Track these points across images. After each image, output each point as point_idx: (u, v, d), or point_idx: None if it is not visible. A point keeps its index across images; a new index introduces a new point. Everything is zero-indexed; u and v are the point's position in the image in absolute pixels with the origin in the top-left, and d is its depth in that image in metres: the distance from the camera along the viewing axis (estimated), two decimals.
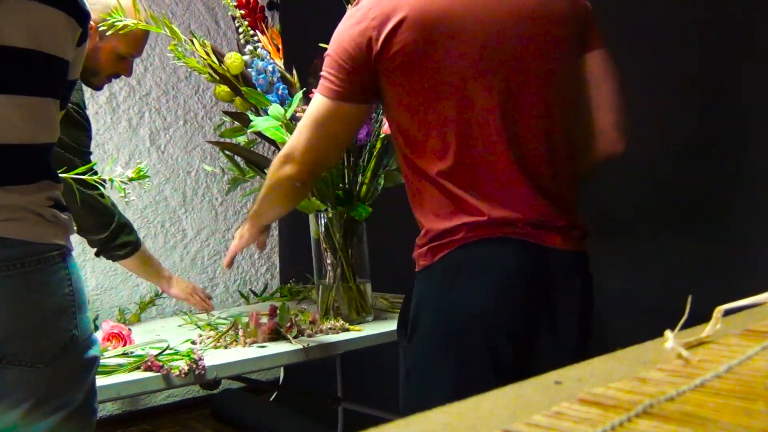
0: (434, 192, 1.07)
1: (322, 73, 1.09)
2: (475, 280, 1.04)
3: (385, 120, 1.60)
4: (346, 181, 1.64)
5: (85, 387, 0.91)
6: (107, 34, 1.46)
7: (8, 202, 0.82)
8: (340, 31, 1.07)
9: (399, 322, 1.16)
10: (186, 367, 1.23)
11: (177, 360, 1.27)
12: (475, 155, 1.04)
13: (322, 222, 1.62)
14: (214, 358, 1.34)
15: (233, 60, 1.52)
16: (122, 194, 1.59)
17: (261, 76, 1.47)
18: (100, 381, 1.18)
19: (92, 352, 0.94)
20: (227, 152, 1.73)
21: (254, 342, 1.45)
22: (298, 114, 1.48)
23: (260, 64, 1.47)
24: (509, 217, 1.04)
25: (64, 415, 0.86)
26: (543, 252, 1.05)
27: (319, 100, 1.09)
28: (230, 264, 1.45)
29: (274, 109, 1.45)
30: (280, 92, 1.47)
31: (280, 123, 1.45)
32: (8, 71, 0.83)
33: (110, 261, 1.72)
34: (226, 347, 1.42)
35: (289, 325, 1.51)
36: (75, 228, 0.95)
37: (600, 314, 1.22)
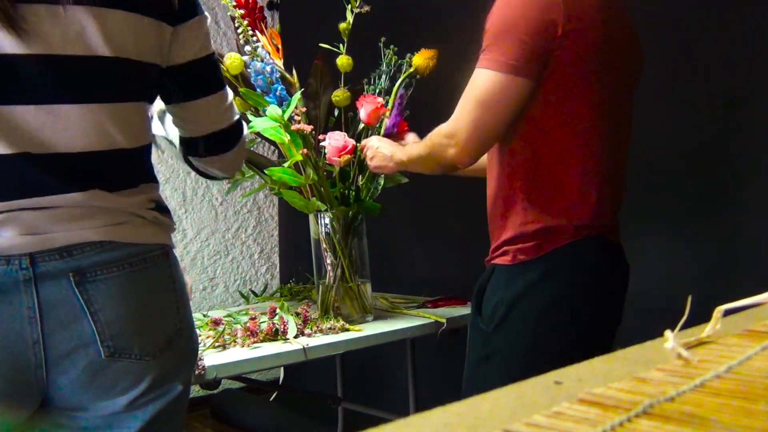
0: (547, 185, 1.14)
1: (488, 47, 1.06)
2: (582, 274, 1.14)
3: (385, 118, 1.60)
4: (358, 181, 1.64)
5: (184, 378, 0.94)
6: None
7: (113, 205, 0.87)
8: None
9: (476, 309, 1.22)
10: None
11: None
12: (588, 156, 1.13)
13: (322, 222, 1.62)
14: (214, 358, 1.34)
15: (233, 60, 1.52)
16: None
17: (259, 77, 1.47)
18: None
19: (193, 344, 0.98)
20: None
21: (254, 342, 1.45)
22: (296, 117, 1.48)
23: (258, 65, 1.47)
24: (601, 218, 1.16)
25: (163, 405, 0.90)
26: (616, 247, 1.21)
27: (491, 77, 1.06)
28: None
29: (272, 110, 1.45)
30: (278, 93, 1.46)
31: (279, 124, 1.45)
32: (98, 81, 0.86)
33: None
34: (225, 347, 1.42)
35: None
36: (173, 225, 1.00)
37: None
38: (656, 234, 1.74)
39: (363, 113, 1.57)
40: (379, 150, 1.38)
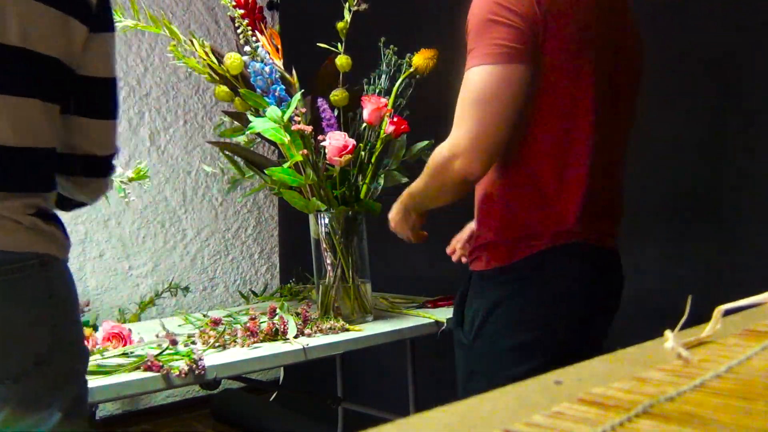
0: (527, 187, 1.06)
1: (473, 44, 0.98)
2: (561, 283, 1.05)
3: (386, 118, 1.60)
4: (358, 181, 1.64)
5: (65, 403, 0.83)
6: None
7: None
8: None
9: (457, 321, 1.15)
10: (186, 367, 1.23)
11: (177, 360, 1.27)
12: (572, 157, 1.05)
13: (322, 222, 1.62)
14: (214, 358, 1.34)
15: (233, 60, 1.52)
16: (122, 194, 1.59)
17: (259, 78, 1.47)
18: (100, 381, 1.18)
19: (77, 363, 0.87)
20: (227, 152, 1.73)
21: (254, 342, 1.45)
22: (296, 117, 1.48)
23: (257, 65, 1.47)
24: (587, 222, 1.05)
25: None
26: (606, 254, 1.11)
27: (481, 72, 0.97)
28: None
29: (272, 111, 1.45)
30: (277, 93, 1.46)
31: (278, 125, 1.45)
32: None
33: (110, 261, 1.68)
34: (225, 347, 1.42)
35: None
36: (64, 237, 0.88)
37: None
38: (656, 235, 1.74)
39: (365, 113, 1.58)
40: (392, 207, 1.31)
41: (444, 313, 1.73)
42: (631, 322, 1.33)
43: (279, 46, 1.61)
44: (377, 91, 1.64)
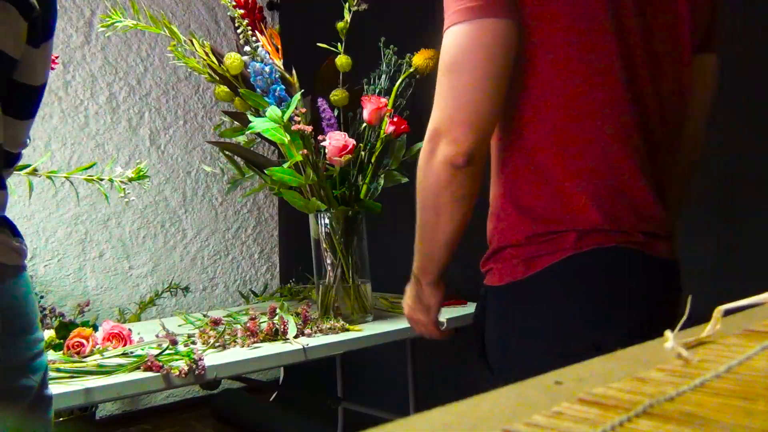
0: (539, 184, 0.85)
1: (446, 4, 0.82)
2: (589, 299, 0.84)
3: (386, 118, 1.60)
4: (358, 181, 1.64)
5: (13, 421, 0.77)
6: (107, 34, 1.46)
7: None
8: None
9: (480, 350, 0.96)
10: (186, 367, 1.23)
11: (177, 360, 1.27)
12: (596, 143, 0.84)
13: (322, 222, 1.62)
14: (214, 358, 1.34)
15: (233, 60, 1.52)
16: (122, 194, 1.59)
17: (259, 78, 1.47)
18: (101, 381, 1.18)
19: (27, 381, 0.79)
20: (227, 152, 1.73)
21: (254, 342, 1.45)
22: (296, 117, 1.48)
23: (257, 65, 1.47)
24: (624, 223, 0.84)
25: None
26: (656, 264, 0.88)
27: (452, 34, 0.81)
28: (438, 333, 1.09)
29: (272, 111, 1.45)
30: (277, 93, 1.46)
31: (278, 125, 1.45)
32: None
33: (110, 261, 1.68)
34: (225, 347, 1.42)
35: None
36: (16, 242, 0.81)
37: None
38: None
39: (365, 113, 1.58)
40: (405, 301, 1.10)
41: (444, 314, 1.73)
42: None
43: (279, 46, 1.61)
44: (377, 91, 1.64)
